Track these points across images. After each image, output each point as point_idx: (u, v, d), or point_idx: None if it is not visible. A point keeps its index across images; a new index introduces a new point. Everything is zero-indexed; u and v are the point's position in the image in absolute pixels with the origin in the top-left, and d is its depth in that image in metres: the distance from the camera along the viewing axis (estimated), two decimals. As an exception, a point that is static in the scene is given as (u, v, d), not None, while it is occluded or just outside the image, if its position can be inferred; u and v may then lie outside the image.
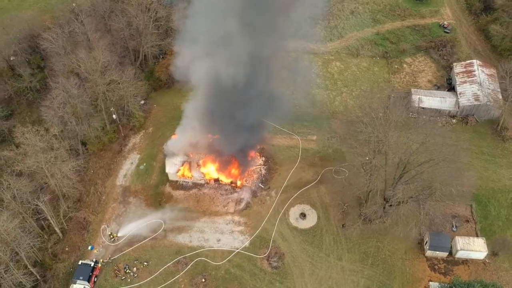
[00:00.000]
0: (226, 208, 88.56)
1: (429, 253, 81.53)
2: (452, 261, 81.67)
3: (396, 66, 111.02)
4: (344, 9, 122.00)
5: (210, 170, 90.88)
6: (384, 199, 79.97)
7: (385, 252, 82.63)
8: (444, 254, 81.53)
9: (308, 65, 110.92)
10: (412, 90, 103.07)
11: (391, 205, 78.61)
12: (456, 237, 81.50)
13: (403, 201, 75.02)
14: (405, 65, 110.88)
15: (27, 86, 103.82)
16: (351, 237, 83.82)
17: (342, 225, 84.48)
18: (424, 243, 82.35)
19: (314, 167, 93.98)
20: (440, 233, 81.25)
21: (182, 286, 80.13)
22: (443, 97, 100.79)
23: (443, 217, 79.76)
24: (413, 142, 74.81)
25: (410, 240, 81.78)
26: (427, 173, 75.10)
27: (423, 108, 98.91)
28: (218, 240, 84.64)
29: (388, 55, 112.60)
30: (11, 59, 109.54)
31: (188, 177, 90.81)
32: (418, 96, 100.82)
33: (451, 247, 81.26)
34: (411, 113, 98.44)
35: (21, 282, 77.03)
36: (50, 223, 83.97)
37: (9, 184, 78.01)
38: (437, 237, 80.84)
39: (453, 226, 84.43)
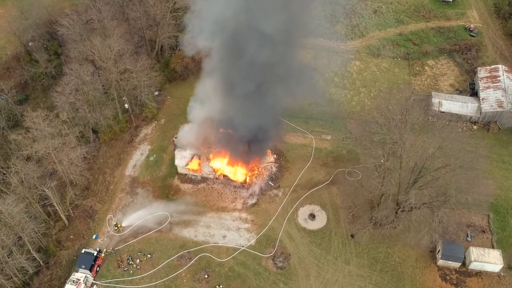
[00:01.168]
0: (234, 204, 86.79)
1: (441, 262, 78.37)
2: (465, 272, 78.31)
3: (417, 68, 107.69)
4: (367, 8, 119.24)
5: (220, 165, 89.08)
6: (397, 204, 77.08)
7: (395, 259, 79.78)
8: (457, 265, 78.29)
9: (327, 63, 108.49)
10: (433, 93, 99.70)
11: (403, 210, 75.72)
12: (471, 247, 78.12)
13: (416, 207, 72.13)
14: (427, 68, 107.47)
15: (42, 71, 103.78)
16: (361, 241, 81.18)
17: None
18: (437, 251, 79.24)
19: (327, 167, 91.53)
20: (454, 242, 78.06)
21: (185, 281, 78.63)
22: (465, 102, 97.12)
23: (458, 226, 76.62)
24: (429, 145, 71.80)
25: (421, 247, 78.72)
26: (442, 179, 72.14)
27: (442, 112, 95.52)
28: (224, 237, 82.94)
29: (410, 56, 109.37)
30: (29, 44, 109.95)
31: (197, 171, 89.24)
32: (439, 100, 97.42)
33: (465, 257, 77.88)
34: (430, 117, 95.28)
35: (23, 267, 76.56)
36: (56, 209, 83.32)
37: (17, 168, 77.53)
38: (450, 246, 77.66)
39: (467, 236, 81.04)
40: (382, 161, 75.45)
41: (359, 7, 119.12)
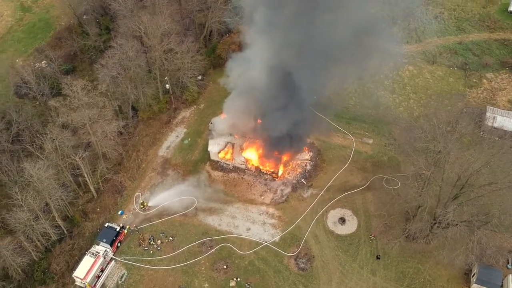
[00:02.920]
0: (262, 198, 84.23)
1: (475, 287, 72.77)
2: (500, 301, 72.56)
3: (474, 80, 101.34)
4: (428, 13, 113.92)
5: (253, 156, 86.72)
6: (433, 218, 72.22)
7: (425, 276, 74.84)
8: (492, 292, 72.61)
9: (378, 65, 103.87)
10: (488, 107, 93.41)
11: (439, 226, 70.78)
12: (510, 275, 72.17)
13: (453, 224, 67.14)
14: (484, 80, 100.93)
15: (91, 44, 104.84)
16: (390, 252, 76.80)
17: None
18: (472, 275, 73.73)
19: (364, 172, 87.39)
20: (492, 267, 72.34)
21: (203, 268, 76.85)
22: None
23: (497, 250, 70.78)
24: (476, 160, 66.49)
25: (455, 268, 73.44)
26: (487, 197, 66.86)
27: (495, 128, 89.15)
28: (248, 229, 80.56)
29: (467, 67, 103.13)
30: (83, 17, 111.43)
31: (229, 159, 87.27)
32: (494, 115, 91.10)
33: (502, 285, 72.00)
34: (482, 132, 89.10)
35: (47, 233, 76.98)
36: (87, 181, 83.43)
37: (53, 135, 77.99)
38: (487, 271, 71.97)
39: (508, 263, 74.96)
40: (423, 172, 70.96)
41: (419, 11, 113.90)
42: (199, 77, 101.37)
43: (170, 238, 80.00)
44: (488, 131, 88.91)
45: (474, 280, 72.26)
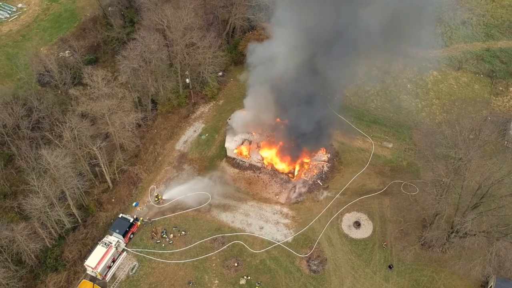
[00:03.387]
0: (277, 197, 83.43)
1: (491, 300, 70.96)
2: (516, 316, 70.35)
3: (500, 88, 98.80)
4: (456, 18, 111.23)
5: (269, 154, 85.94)
6: (451, 227, 70.41)
7: (440, 286, 73.01)
8: (509, 306, 70.51)
9: (402, 68, 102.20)
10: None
11: (456, 235, 68.92)
12: (528, 290, 70.06)
13: (471, 233, 65.28)
14: (511, 89, 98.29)
15: (115, 36, 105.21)
16: (405, 259, 75.22)
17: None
18: (488, 287, 71.73)
19: (383, 176, 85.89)
20: (510, 280, 70.24)
21: (214, 265, 76.36)
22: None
23: (517, 264, 68.71)
24: (499, 169, 64.59)
25: (471, 279, 71.51)
26: (508, 208, 64.83)
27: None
28: (261, 228, 79.83)
29: (494, 74, 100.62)
30: (108, 9, 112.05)
31: (246, 156, 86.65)
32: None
33: (520, 299, 69.95)
34: (506, 142, 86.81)
35: (62, 220, 77.43)
36: (103, 171, 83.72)
37: (72, 124, 78.41)
38: (505, 285, 69.84)
39: (527, 277, 72.80)
40: (443, 179, 69.23)
41: (447, 16, 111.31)
42: (220, 73, 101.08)
43: (183, 232, 79.76)
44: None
45: (491, 293, 70.41)
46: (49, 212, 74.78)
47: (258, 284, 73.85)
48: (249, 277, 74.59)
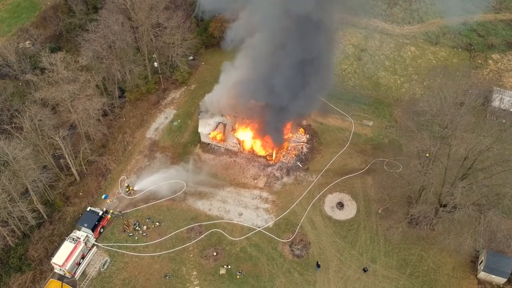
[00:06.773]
0: (255, 181, 79.17)
1: (482, 275, 67.77)
2: (509, 290, 67.60)
3: (479, 61, 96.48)
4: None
5: (245, 137, 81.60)
6: (439, 201, 67.18)
7: (429, 264, 69.83)
8: (501, 280, 67.41)
9: (379, 45, 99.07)
10: (495, 88, 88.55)
11: (445, 209, 65.66)
12: (520, 262, 67.31)
13: (461, 206, 62.02)
14: (490, 61, 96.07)
15: (77, 23, 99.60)
16: (392, 239, 71.76)
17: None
18: (479, 262, 68.80)
19: (364, 155, 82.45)
20: (501, 254, 67.37)
21: (191, 255, 71.69)
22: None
23: (509, 235, 65.55)
24: (485, 137, 61.45)
25: (461, 255, 68.40)
26: (498, 178, 61.78)
27: (503, 110, 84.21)
28: (240, 214, 75.47)
29: (472, 48, 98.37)
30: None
31: (221, 141, 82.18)
32: (500, 96, 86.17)
33: (512, 273, 67.14)
34: (487, 114, 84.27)
35: (25, 217, 71.77)
36: (69, 163, 78.21)
37: (31, 112, 72.81)
38: (496, 258, 66.97)
39: (519, 249, 70.06)
40: (427, 155, 65.88)
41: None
42: (191, 57, 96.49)
43: (157, 223, 74.89)
44: (494, 113, 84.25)
45: (482, 268, 67.29)
46: (10, 208, 69.14)
47: (239, 272, 69.47)
48: (229, 266, 70.11)
